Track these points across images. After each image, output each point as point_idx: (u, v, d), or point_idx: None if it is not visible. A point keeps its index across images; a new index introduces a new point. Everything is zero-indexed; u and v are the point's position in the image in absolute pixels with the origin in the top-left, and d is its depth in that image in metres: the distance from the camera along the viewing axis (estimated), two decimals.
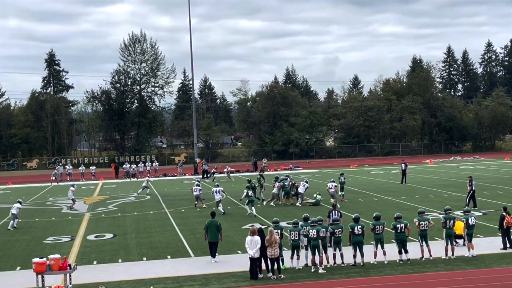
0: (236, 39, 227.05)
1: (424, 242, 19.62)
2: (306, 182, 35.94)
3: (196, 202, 35.54)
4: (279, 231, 19.02)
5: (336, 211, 22.12)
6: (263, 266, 18.52)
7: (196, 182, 38.01)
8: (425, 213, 20.76)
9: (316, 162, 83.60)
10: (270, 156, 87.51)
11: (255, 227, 19.03)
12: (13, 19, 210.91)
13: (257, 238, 18.22)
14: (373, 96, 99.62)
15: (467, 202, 30.67)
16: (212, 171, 59.03)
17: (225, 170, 58.63)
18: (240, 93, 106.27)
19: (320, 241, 18.88)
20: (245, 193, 32.28)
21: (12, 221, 30.38)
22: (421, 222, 19.72)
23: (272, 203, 35.20)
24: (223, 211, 31.99)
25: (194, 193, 35.65)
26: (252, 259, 18.11)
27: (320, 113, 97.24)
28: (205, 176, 59.07)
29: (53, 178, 59.44)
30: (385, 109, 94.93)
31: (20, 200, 32.34)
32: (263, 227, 20.62)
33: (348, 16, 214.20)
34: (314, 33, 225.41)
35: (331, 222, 21.00)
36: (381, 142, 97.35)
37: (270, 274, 18.20)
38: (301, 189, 35.09)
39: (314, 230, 18.87)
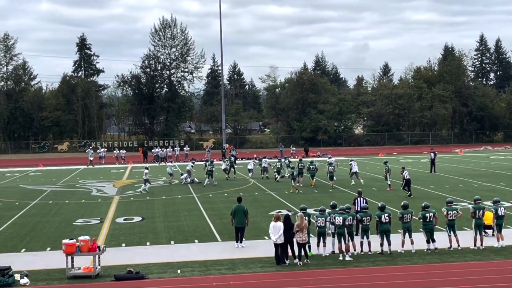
0: (266, 25, 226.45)
1: (451, 232, 19.46)
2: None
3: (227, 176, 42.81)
4: (306, 217, 19.05)
5: (362, 198, 22.05)
6: (290, 253, 18.58)
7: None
8: (454, 203, 20.58)
9: (344, 149, 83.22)
10: (298, 143, 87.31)
11: (279, 213, 19.14)
12: (45, 3, 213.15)
13: (279, 224, 18.30)
14: (403, 84, 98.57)
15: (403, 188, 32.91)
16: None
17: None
18: (269, 79, 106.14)
19: (346, 229, 18.87)
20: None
21: (143, 185, 36.63)
22: (449, 212, 19.56)
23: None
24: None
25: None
26: (276, 245, 18.18)
27: (349, 100, 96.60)
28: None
29: (91, 159, 60.52)
30: (415, 97, 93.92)
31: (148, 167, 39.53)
32: (290, 213, 20.65)
33: (380, 3, 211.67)
34: (345, 19, 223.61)
35: (356, 209, 20.99)
36: (411, 131, 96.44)
37: (297, 260, 18.25)
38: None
39: (341, 218, 18.87)
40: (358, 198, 22.07)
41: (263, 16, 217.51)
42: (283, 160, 44.82)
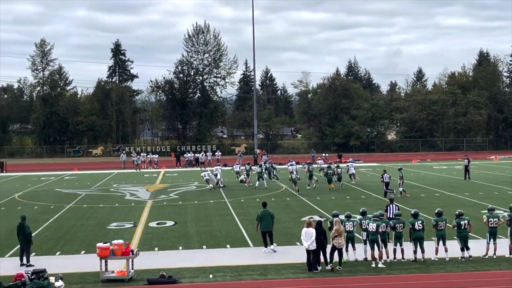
0: (299, 31, 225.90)
1: (491, 240, 19.18)
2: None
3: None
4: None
5: (394, 205, 21.89)
6: (322, 259, 18.52)
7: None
8: (495, 210, 20.26)
9: (377, 156, 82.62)
10: (330, 149, 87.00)
11: (311, 219, 19.11)
12: (81, 9, 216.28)
13: (312, 230, 18.26)
14: (437, 90, 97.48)
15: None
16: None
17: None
18: (301, 84, 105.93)
19: (379, 235, 18.75)
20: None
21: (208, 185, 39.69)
22: (490, 219, 19.29)
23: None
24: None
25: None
26: (308, 251, 18.15)
27: (382, 106, 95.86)
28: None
29: (136, 164, 61.43)
30: (449, 103, 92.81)
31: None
32: (322, 219, 20.61)
33: (413, 8, 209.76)
34: (378, 24, 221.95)
35: (389, 216, 20.84)
36: (445, 137, 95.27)
37: (329, 267, 18.20)
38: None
39: (374, 224, 18.76)
40: (390, 205, 21.90)
41: (296, 21, 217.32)
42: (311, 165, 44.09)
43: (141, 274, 17.92)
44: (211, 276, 17.72)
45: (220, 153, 72.69)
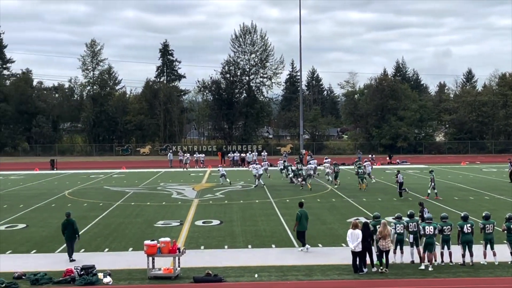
0: (345, 31, 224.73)
1: None
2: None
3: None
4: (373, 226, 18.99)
5: (426, 209, 21.67)
6: (368, 261, 18.39)
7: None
8: None
9: (424, 157, 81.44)
10: (376, 150, 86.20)
11: (357, 221, 18.97)
12: (130, 10, 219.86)
13: (358, 231, 18.13)
14: (487, 91, 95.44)
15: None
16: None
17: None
18: (348, 85, 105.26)
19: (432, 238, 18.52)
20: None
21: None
22: None
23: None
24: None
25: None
26: (353, 253, 18.04)
27: (431, 107, 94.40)
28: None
29: (184, 163, 62.19)
30: (500, 105, 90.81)
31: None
32: (368, 221, 20.44)
33: (464, 8, 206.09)
34: (427, 25, 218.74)
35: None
36: (495, 139, 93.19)
37: (375, 269, 18.07)
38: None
39: (431, 227, 18.47)
40: (423, 209, 21.73)
41: (343, 22, 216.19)
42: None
43: (187, 272, 18.11)
44: (256, 275, 17.79)
45: (266, 153, 72.84)
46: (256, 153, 70.06)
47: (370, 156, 68.93)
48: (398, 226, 19.03)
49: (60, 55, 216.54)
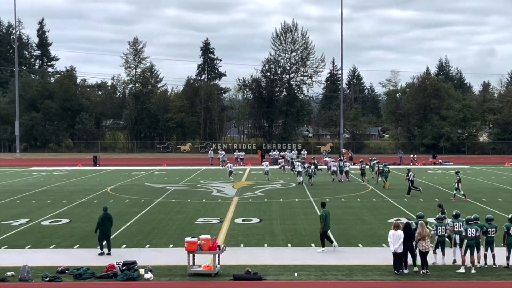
0: (387, 29, 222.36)
1: None
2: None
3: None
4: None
5: (445, 211, 21.57)
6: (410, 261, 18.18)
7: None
8: None
9: (467, 158, 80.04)
10: (418, 150, 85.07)
11: (398, 221, 18.75)
12: (172, 8, 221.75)
13: (400, 232, 17.90)
14: None
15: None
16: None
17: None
18: (390, 84, 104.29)
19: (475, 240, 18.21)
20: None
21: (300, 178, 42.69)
22: None
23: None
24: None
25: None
26: (395, 254, 17.83)
27: (474, 107, 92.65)
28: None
29: (222, 161, 62.52)
30: None
31: None
32: (410, 221, 20.18)
33: (509, 7, 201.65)
34: (471, 23, 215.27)
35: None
36: None
37: (416, 269, 17.85)
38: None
39: (473, 229, 18.14)
40: (444, 211, 21.49)
41: (385, 20, 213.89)
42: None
43: (227, 269, 18.17)
44: (295, 274, 17.74)
45: (305, 152, 72.63)
46: (296, 152, 69.88)
47: (411, 156, 68.14)
48: (439, 228, 18.77)
49: (103, 53, 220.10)
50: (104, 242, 20.48)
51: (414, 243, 18.07)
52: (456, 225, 18.68)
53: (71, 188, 41.20)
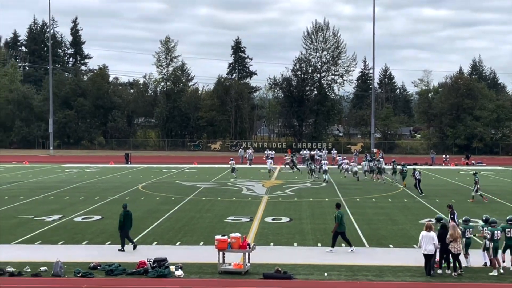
0: (420, 28, 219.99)
1: None
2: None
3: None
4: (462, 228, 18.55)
5: (455, 212, 21.40)
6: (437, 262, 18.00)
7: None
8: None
9: (501, 159, 78.83)
10: (451, 150, 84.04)
11: (431, 223, 18.55)
12: (204, 7, 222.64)
13: (432, 234, 17.71)
14: None
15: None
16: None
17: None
18: (422, 83, 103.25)
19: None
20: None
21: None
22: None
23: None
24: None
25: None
26: (426, 255, 17.65)
27: (508, 107, 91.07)
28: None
29: (250, 160, 63.08)
30: None
31: None
32: (444, 222, 19.98)
33: None
34: (505, 22, 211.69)
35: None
36: None
37: (449, 271, 17.66)
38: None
39: (498, 232, 17.92)
40: (454, 212, 21.26)
41: (417, 18, 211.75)
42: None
43: (256, 268, 18.19)
44: (325, 274, 17.69)
45: (335, 151, 72.30)
46: (326, 151, 69.63)
47: (443, 156, 67.38)
48: (467, 231, 18.63)
49: (136, 52, 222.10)
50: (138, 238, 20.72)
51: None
52: (485, 228, 18.44)
53: (103, 185, 41.69)
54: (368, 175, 46.31)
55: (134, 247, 20.72)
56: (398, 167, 42.60)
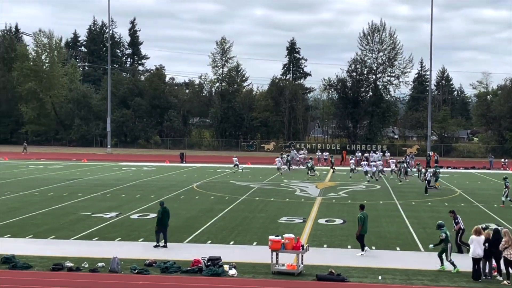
0: (479, 29, 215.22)
1: None
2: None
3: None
4: (444, 234, 18.48)
5: (459, 217, 21.34)
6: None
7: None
8: None
9: None
10: (510, 154, 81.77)
11: (480, 227, 18.25)
12: (259, 8, 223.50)
13: (481, 238, 17.43)
14: None
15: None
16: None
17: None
18: (481, 85, 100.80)
19: None
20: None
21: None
22: None
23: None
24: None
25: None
26: (474, 259, 17.45)
27: None
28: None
29: (296, 160, 63.03)
30: None
31: None
32: (499, 228, 19.54)
33: None
34: None
35: (463, 228, 20.76)
36: None
37: (501, 278, 17.30)
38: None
39: None
40: (457, 217, 21.17)
41: (476, 19, 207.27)
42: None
43: (310, 269, 18.19)
44: (380, 277, 17.55)
45: (389, 154, 71.36)
46: (381, 153, 68.87)
47: (502, 160, 65.72)
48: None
49: (191, 52, 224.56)
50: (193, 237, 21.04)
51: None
52: None
53: (159, 184, 42.36)
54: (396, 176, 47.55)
55: (164, 246, 21.08)
56: (423, 170, 43.05)
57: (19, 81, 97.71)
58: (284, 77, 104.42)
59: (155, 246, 21.10)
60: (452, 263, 18.22)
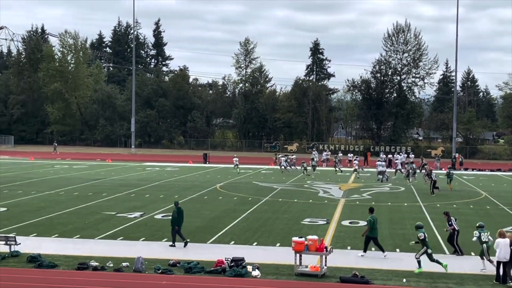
0: (506, 29, 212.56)
1: None
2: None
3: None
4: (422, 234, 18.54)
5: (453, 218, 21.31)
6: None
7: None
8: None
9: None
10: None
11: (503, 230, 18.05)
12: (282, 9, 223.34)
13: (506, 240, 17.25)
14: None
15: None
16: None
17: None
18: (507, 87, 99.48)
19: None
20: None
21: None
22: None
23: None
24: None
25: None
26: (499, 263, 17.27)
27: None
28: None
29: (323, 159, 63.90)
30: None
31: None
32: None
33: None
34: None
35: (457, 229, 20.77)
36: None
37: None
38: None
39: None
40: (451, 218, 21.16)
41: (503, 19, 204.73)
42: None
43: (333, 271, 18.13)
44: (404, 280, 17.43)
45: (413, 155, 70.70)
46: (405, 155, 68.35)
47: None
48: (483, 235, 18.58)
49: (215, 53, 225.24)
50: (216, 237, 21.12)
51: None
52: None
53: (182, 184, 42.54)
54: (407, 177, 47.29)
55: (185, 244, 21.32)
56: (413, 165, 45.69)
57: (45, 81, 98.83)
58: (308, 78, 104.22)
59: (171, 246, 21.33)
60: (419, 262, 18.20)
